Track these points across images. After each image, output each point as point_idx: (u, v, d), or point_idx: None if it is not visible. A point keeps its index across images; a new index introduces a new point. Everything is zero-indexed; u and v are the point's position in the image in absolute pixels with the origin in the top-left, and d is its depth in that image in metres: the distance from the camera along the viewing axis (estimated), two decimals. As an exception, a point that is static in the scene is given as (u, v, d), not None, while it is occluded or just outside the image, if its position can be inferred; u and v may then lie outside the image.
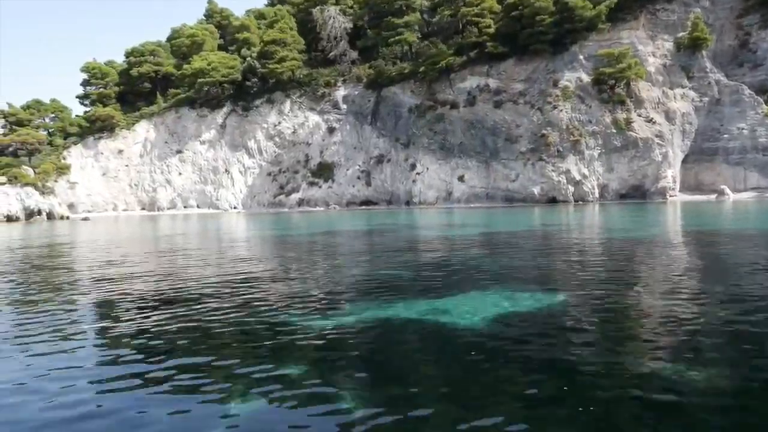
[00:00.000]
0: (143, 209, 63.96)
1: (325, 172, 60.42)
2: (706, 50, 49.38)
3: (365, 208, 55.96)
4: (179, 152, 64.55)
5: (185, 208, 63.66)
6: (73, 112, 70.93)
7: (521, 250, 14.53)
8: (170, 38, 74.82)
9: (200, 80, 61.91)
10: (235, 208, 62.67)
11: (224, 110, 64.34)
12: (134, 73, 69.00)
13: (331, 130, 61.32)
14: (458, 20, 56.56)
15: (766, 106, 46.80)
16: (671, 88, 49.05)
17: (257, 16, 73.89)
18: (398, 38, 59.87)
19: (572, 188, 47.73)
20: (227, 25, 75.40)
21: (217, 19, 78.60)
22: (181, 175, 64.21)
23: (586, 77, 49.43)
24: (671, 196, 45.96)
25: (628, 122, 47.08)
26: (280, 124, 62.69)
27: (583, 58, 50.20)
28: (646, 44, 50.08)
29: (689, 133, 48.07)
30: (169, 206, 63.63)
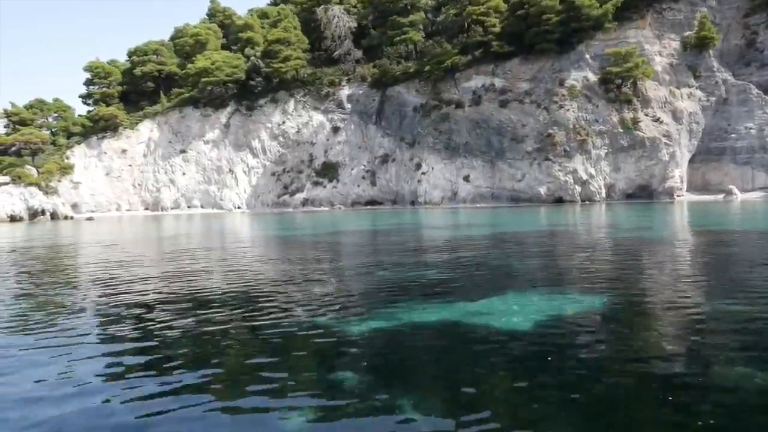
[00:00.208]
0: (146, 209, 63.69)
1: (329, 171, 60.17)
2: (712, 49, 49.16)
3: (370, 208, 55.73)
4: (183, 152, 64.29)
5: (189, 208, 63.40)
6: (75, 111, 70.76)
7: (543, 250, 14.34)
8: (173, 37, 74.57)
9: (204, 79, 61.61)
10: (239, 208, 62.41)
11: (228, 110, 64.07)
12: (137, 72, 68.70)
13: (335, 129, 61.06)
14: (463, 19, 56.33)
15: (773, 105, 46.57)
16: (678, 87, 48.83)
17: (260, 15, 73.60)
18: (403, 37, 59.65)
19: (579, 188, 47.51)
20: (230, 24, 75.14)
21: (219, 18, 78.36)
22: (184, 175, 63.95)
23: (592, 76, 49.21)
24: (678, 196, 45.74)
25: (635, 122, 46.86)
26: (284, 123, 62.44)
27: (589, 57, 49.97)
28: (652, 43, 49.86)
29: (696, 132, 47.86)
30: (172, 206, 63.37)
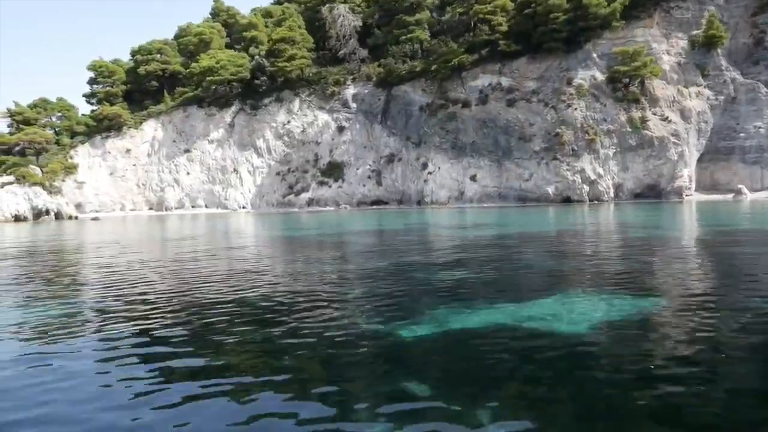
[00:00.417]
0: (151, 209, 63.43)
1: (335, 171, 59.90)
2: (721, 48, 48.94)
3: (376, 208, 55.47)
4: (187, 151, 64.03)
5: (193, 207, 63.15)
6: (79, 111, 70.48)
7: (573, 250, 14.09)
8: (177, 36, 74.27)
9: (208, 79, 61.35)
10: (243, 207, 62.14)
11: (233, 109, 63.79)
12: (141, 71, 68.40)
13: (340, 129, 60.80)
14: (470, 18, 56.06)
15: (782, 104, 46.36)
16: (686, 86, 48.58)
17: (264, 14, 73.38)
18: (409, 36, 59.38)
19: (587, 188, 47.25)
20: (234, 23, 74.86)
21: (223, 17, 78.05)
22: (189, 174, 63.69)
23: (600, 75, 48.95)
24: (687, 195, 45.50)
25: (643, 121, 46.62)
26: (289, 123, 62.17)
27: (597, 56, 49.71)
28: (660, 42, 49.61)
29: (705, 131, 47.61)
30: (177, 206, 63.10)
